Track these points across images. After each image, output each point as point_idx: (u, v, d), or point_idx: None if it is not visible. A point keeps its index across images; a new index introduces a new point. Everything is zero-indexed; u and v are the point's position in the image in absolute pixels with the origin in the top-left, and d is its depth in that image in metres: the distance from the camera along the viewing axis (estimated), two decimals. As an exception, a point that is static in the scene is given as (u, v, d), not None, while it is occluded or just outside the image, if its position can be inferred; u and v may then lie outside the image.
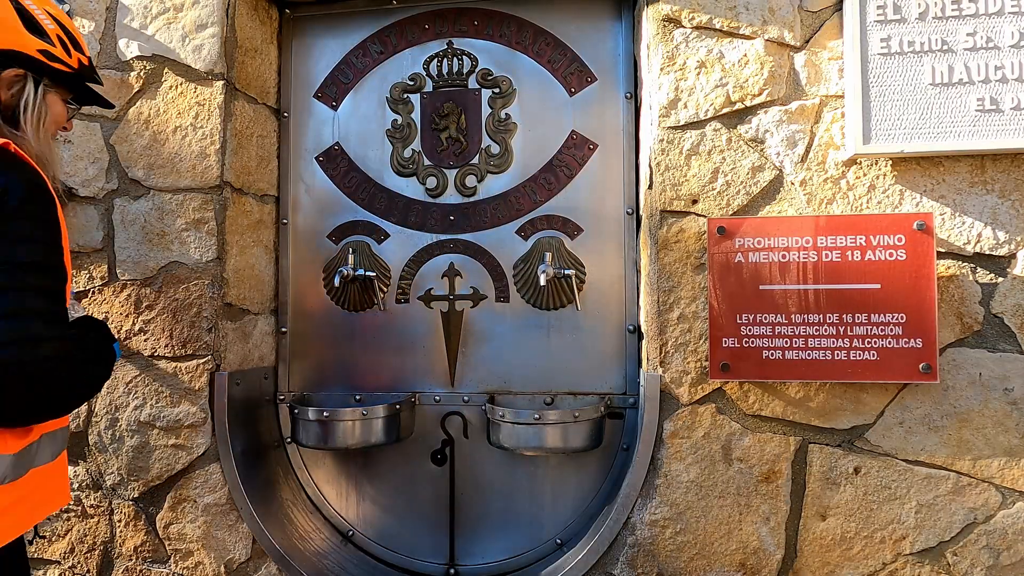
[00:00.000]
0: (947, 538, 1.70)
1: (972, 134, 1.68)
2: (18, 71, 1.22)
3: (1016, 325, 1.69)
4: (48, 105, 1.28)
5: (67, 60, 1.28)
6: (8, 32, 1.19)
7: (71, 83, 1.32)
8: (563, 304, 2.11)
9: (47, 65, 1.24)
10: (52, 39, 1.25)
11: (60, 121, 1.34)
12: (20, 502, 1.16)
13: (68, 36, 1.29)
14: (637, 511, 1.82)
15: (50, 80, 1.27)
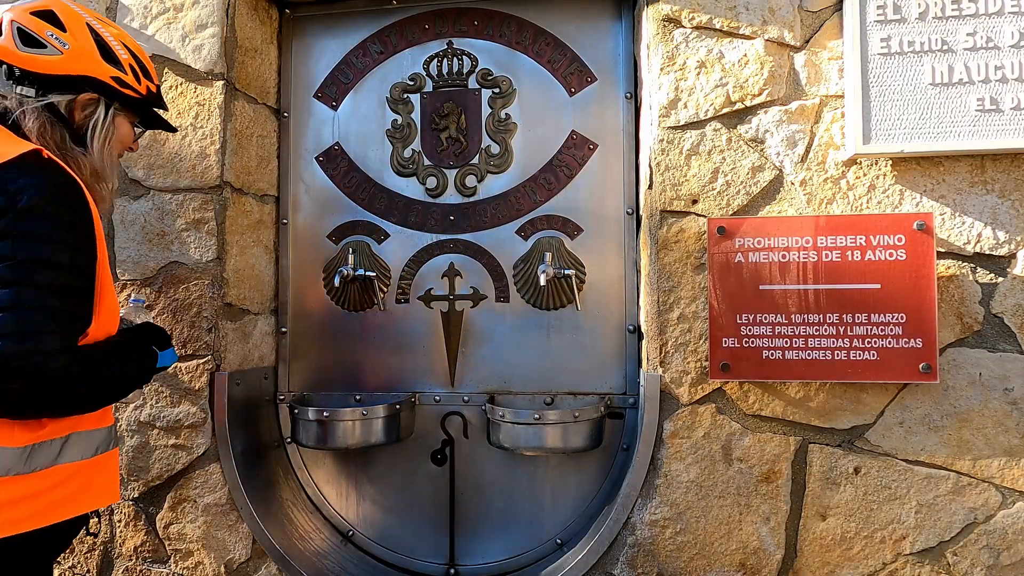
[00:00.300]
0: (947, 538, 1.70)
1: (972, 134, 1.68)
2: (92, 95, 1.33)
3: (1016, 325, 1.69)
4: (116, 126, 1.39)
5: (136, 87, 1.39)
6: (86, 60, 1.32)
7: (139, 108, 1.44)
8: (563, 304, 2.11)
9: (118, 91, 1.36)
10: (125, 68, 1.37)
11: (126, 142, 1.45)
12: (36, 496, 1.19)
13: (140, 65, 1.41)
14: (637, 511, 1.82)
15: (120, 104, 1.38)
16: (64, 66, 1.30)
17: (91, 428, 1.30)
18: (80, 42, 1.32)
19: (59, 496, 1.24)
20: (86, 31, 1.33)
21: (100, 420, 1.33)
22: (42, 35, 1.29)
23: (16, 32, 1.27)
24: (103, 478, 1.34)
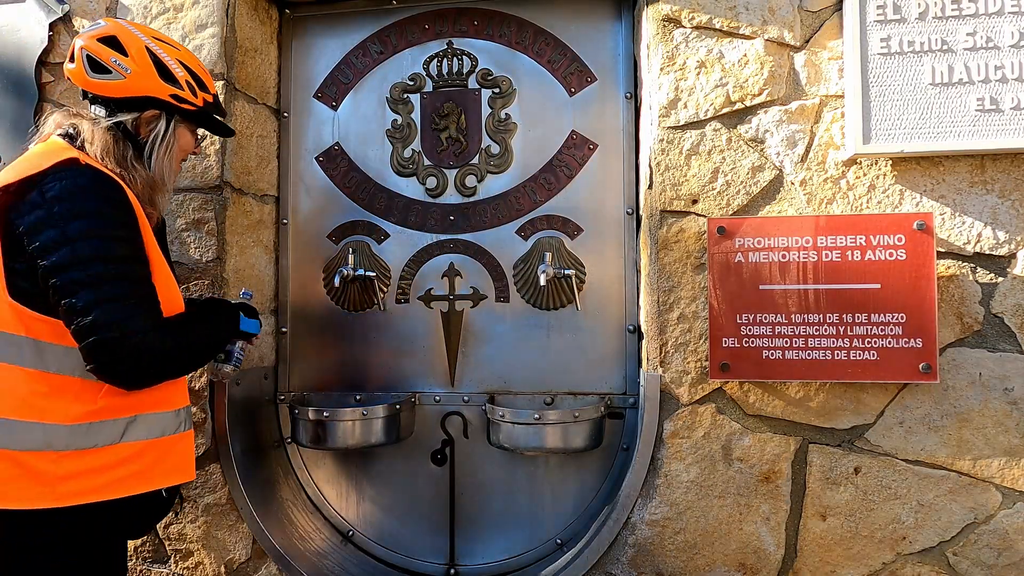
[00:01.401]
0: (947, 538, 1.70)
1: (972, 134, 1.68)
2: (155, 112, 1.48)
3: (1016, 325, 1.69)
4: (177, 137, 1.53)
5: (193, 100, 1.52)
6: (146, 81, 1.46)
7: (197, 118, 1.58)
8: (563, 304, 2.11)
9: (176, 106, 1.50)
10: (182, 84, 1.50)
11: (188, 149, 1.59)
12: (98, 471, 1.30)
13: (196, 79, 1.55)
14: (637, 511, 1.82)
15: (180, 117, 1.52)
16: (127, 89, 1.44)
17: (157, 411, 1.40)
18: (140, 65, 1.45)
19: (124, 473, 1.33)
20: (145, 54, 1.46)
21: (167, 403, 1.42)
22: (107, 61, 1.43)
23: (86, 59, 1.43)
24: (174, 458, 1.43)
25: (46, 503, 1.25)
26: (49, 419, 1.26)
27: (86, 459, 1.29)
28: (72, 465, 1.27)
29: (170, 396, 1.43)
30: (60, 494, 1.26)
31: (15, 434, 1.25)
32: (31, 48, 2.14)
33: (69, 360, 1.28)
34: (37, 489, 1.25)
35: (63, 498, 1.26)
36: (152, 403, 1.38)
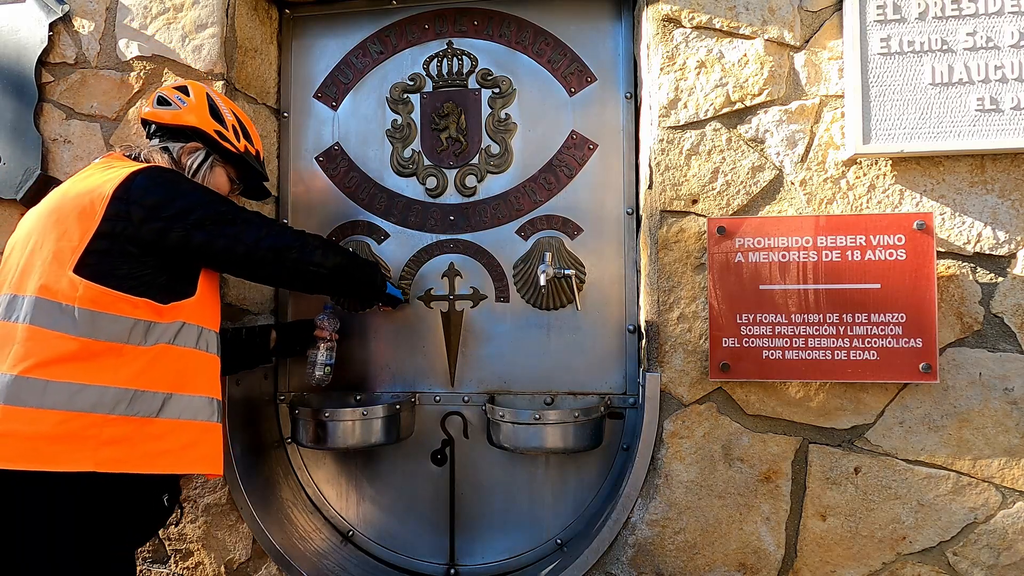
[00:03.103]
0: (947, 538, 1.70)
1: (972, 134, 1.68)
2: (197, 144, 1.67)
3: (1016, 325, 1.69)
4: (214, 175, 1.69)
5: (235, 143, 1.71)
6: (198, 115, 1.66)
7: (236, 163, 1.74)
8: (563, 304, 2.11)
9: (218, 143, 1.68)
10: (228, 126, 1.70)
11: (222, 189, 1.72)
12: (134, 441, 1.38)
13: (242, 128, 1.75)
14: (637, 511, 1.82)
15: (219, 156, 1.70)
16: (178, 118, 1.65)
17: (194, 394, 1.49)
18: (196, 102, 1.68)
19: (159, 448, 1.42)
20: (203, 97, 1.70)
21: (203, 388, 1.52)
22: (171, 98, 1.67)
23: (156, 98, 1.67)
24: (204, 447, 1.50)
25: (87, 467, 1.32)
26: (97, 381, 1.36)
27: (126, 427, 1.37)
28: (114, 431, 1.36)
29: (206, 383, 1.53)
30: (100, 459, 1.34)
31: (64, 395, 1.33)
32: (31, 48, 2.14)
33: (116, 327, 1.39)
34: (81, 452, 1.33)
35: (102, 463, 1.34)
36: (191, 385, 1.49)
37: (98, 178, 1.46)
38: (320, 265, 1.65)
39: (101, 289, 1.38)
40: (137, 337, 1.41)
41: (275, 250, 1.57)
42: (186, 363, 1.49)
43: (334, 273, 1.69)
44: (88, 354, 1.36)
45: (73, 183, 1.50)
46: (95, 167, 1.55)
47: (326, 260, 1.66)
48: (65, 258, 1.38)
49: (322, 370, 1.99)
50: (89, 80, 2.13)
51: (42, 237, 1.42)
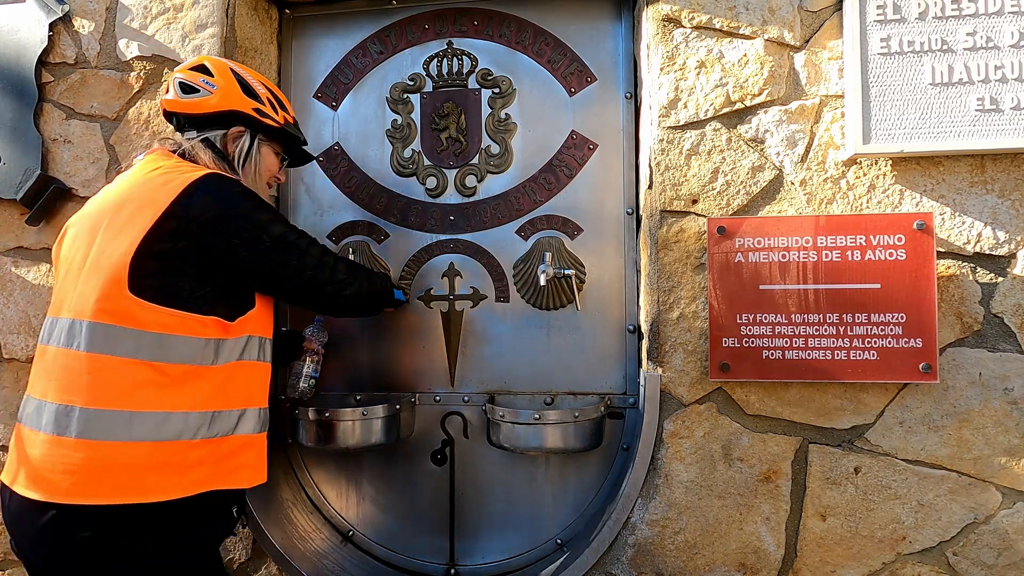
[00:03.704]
0: (947, 538, 1.70)
1: (972, 134, 1.68)
2: (240, 128, 1.57)
3: (1016, 325, 1.69)
4: (262, 156, 1.62)
5: (275, 116, 1.62)
6: (232, 96, 1.56)
7: (280, 137, 1.66)
8: (563, 304, 2.11)
9: (260, 121, 1.59)
10: (263, 100, 1.60)
11: (272, 170, 1.67)
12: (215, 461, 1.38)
13: (276, 99, 1.65)
14: (637, 511, 1.82)
15: (263, 135, 1.62)
16: (214, 104, 1.54)
17: (257, 407, 1.49)
18: (226, 83, 1.57)
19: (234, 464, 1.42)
20: (230, 74, 1.58)
21: (262, 401, 1.51)
22: (196, 83, 1.55)
23: (178, 85, 1.55)
24: (262, 456, 1.51)
25: (175, 494, 1.30)
26: (180, 408, 1.33)
27: (207, 448, 1.36)
28: (197, 454, 1.34)
29: (263, 393, 1.52)
30: (186, 484, 1.32)
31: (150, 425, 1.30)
32: (31, 48, 2.14)
33: (188, 349, 1.34)
34: (169, 481, 1.30)
35: (187, 488, 1.32)
36: (256, 398, 1.48)
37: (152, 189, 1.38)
38: (351, 297, 1.66)
39: (167, 311, 1.32)
40: (209, 357, 1.37)
41: (316, 284, 1.56)
42: (253, 376, 1.48)
43: (360, 300, 1.72)
44: (165, 380, 1.32)
45: (123, 191, 1.41)
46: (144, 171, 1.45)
47: (359, 291, 1.68)
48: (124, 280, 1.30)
49: (307, 382, 1.96)
50: (89, 80, 2.13)
51: (97, 256, 1.34)
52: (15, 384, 2.15)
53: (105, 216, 1.38)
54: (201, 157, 1.52)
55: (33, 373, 1.40)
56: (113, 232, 1.34)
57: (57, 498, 1.25)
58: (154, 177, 1.41)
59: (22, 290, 2.15)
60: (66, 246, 1.45)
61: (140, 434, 1.29)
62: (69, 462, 1.26)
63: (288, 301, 1.66)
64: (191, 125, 1.55)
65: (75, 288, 1.35)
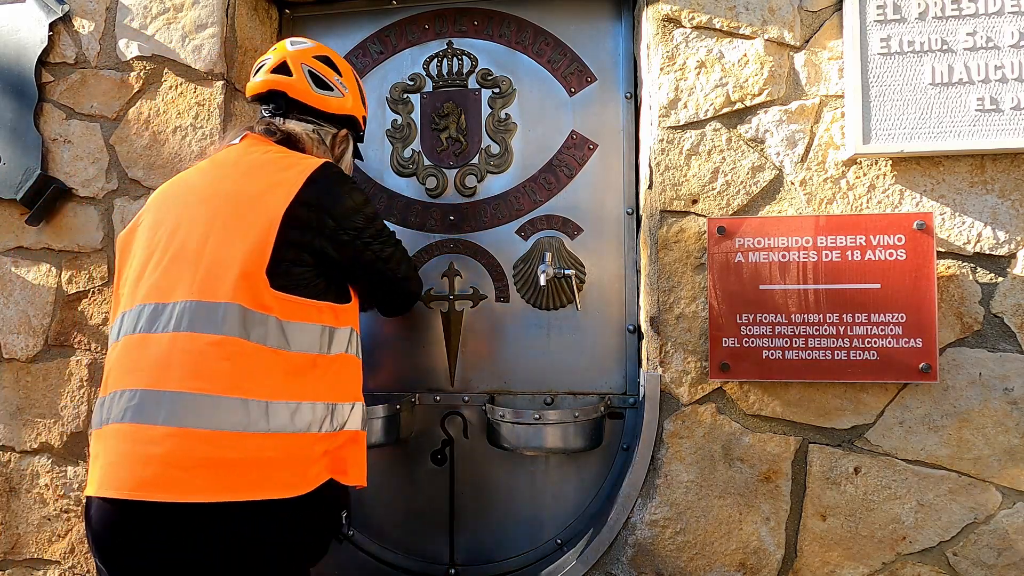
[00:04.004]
0: (947, 538, 1.70)
1: (972, 134, 1.68)
2: (346, 131, 1.62)
3: (1016, 325, 1.69)
4: (349, 156, 1.67)
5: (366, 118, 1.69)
6: (356, 104, 1.63)
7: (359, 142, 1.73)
8: (563, 304, 2.11)
9: (362, 129, 1.68)
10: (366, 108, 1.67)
11: (351, 168, 1.72)
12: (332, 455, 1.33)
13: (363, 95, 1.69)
14: (637, 511, 1.82)
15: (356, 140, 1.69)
16: (343, 107, 1.59)
17: (360, 402, 1.46)
18: (352, 88, 1.61)
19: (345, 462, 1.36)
20: (354, 79, 1.63)
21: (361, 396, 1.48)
22: (331, 81, 1.56)
23: (309, 75, 1.53)
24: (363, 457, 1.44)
25: (302, 490, 1.23)
26: (307, 398, 1.27)
27: (329, 441, 1.30)
28: (322, 447, 1.28)
29: (361, 391, 1.49)
30: (310, 479, 1.25)
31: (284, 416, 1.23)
32: (31, 48, 2.14)
33: (307, 338, 1.29)
34: (299, 474, 1.23)
35: (311, 483, 1.25)
36: (359, 394, 1.45)
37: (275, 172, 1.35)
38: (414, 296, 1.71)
39: (290, 298, 1.27)
40: (324, 347, 1.33)
41: (399, 281, 1.57)
42: (356, 370, 1.46)
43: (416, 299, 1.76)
44: (290, 368, 1.26)
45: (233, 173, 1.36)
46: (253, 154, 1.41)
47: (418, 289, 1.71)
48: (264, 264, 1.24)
49: None
50: (89, 80, 2.13)
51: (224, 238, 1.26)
52: (15, 384, 2.15)
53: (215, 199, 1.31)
54: (310, 148, 1.51)
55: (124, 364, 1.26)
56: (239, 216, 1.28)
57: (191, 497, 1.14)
58: (274, 160, 1.38)
59: (22, 290, 2.15)
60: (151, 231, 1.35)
61: (277, 424, 1.21)
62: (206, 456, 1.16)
63: (370, 296, 1.59)
64: (305, 113, 1.53)
65: (194, 272, 1.25)
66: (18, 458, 2.14)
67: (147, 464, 1.16)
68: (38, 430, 2.12)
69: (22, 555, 2.13)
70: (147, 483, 1.15)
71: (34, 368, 2.14)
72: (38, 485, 2.12)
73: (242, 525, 1.18)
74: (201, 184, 1.38)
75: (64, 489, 2.10)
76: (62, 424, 2.11)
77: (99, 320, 2.09)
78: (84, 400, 2.09)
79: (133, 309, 1.28)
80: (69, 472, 2.10)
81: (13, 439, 2.14)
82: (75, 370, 2.10)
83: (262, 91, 1.53)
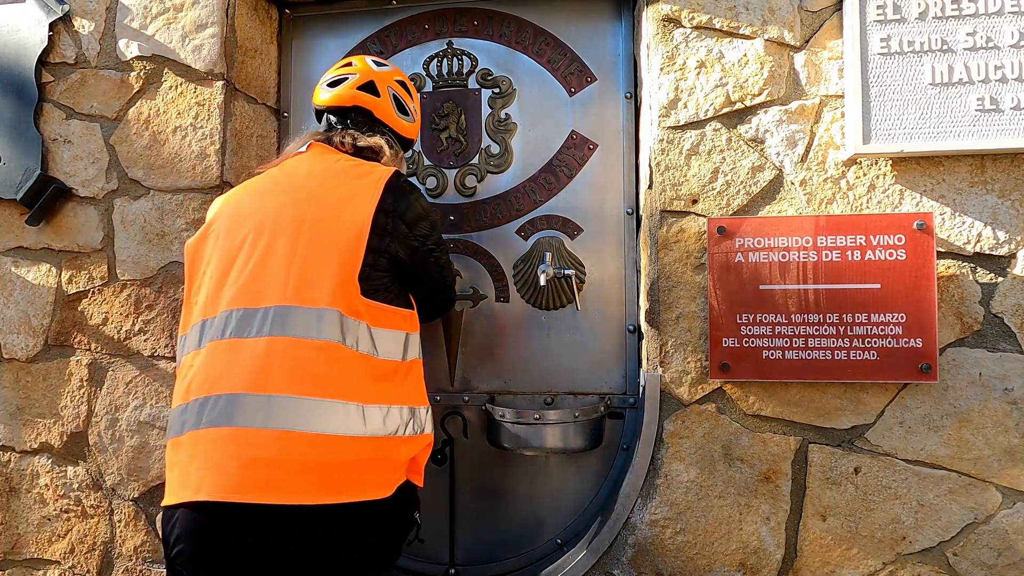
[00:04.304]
0: (947, 538, 1.70)
1: (972, 134, 1.68)
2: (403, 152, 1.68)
3: (1016, 325, 1.69)
4: None
5: None
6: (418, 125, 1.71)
7: None
8: (563, 304, 2.11)
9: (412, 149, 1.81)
10: None
11: None
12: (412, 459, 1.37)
13: None
14: (637, 511, 1.82)
15: None
16: (412, 131, 1.69)
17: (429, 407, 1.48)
18: (418, 112, 1.71)
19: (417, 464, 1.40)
20: (418, 102, 1.72)
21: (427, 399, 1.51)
22: (408, 106, 1.66)
23: (393, 99, 1.62)
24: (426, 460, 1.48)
25: (388, 491, 1.26)
26: (395, 402, 1.30)
27: (410, 445, 1.33)
28: (405, 451, 1.32)
29: None
30: (393, 481, 1.28)
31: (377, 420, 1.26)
32: (31, 48, 2.14)
33: (390, 344, 1.33)
34: (386, 476, 1.26)
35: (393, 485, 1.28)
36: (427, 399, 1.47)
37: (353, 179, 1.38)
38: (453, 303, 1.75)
39: (376, 304, 1.31)
40: (403, 353, 1.36)
41: (448, 289, 1.63)
42: (423, 375, 1.48)
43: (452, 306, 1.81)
44: (380, 374, 1.28)
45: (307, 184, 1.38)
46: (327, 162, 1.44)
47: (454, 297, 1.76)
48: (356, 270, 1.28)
49: None
50: (89, 80, 2.13)
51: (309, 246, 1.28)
52: (15, 384, 2.15)
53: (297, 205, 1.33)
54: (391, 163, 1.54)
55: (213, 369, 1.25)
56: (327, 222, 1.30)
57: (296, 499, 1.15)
58: (347, 168, 1.42)
59: (22, 290, 2.15)
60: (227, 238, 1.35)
61: (372, 428, 1.24)
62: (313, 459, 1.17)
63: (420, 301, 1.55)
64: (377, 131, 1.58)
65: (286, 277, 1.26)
66: (18, 458, 2.14)
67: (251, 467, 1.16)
68: (38, 430, 2.12)
69: (22, 555, 2.13)
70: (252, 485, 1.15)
71: (34, 368, 2.14)
72: (38, 485, 2.12)
73: (337, 526, 1.20)
74: (277, 191, 1.39)
75: (64, 489, 2.10)
76: (62, 424, 2.11)
77: (99, 320, 2.09)
78: (84, 400, 2.09)
79: (219, 315, 1.28)
80: (69, 472, 2.10)
81: (13, 439, 2.14)
82: (75, 370, 2.10)
83: (347, 105, 1.58)
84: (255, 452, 1.17)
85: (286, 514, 1.16)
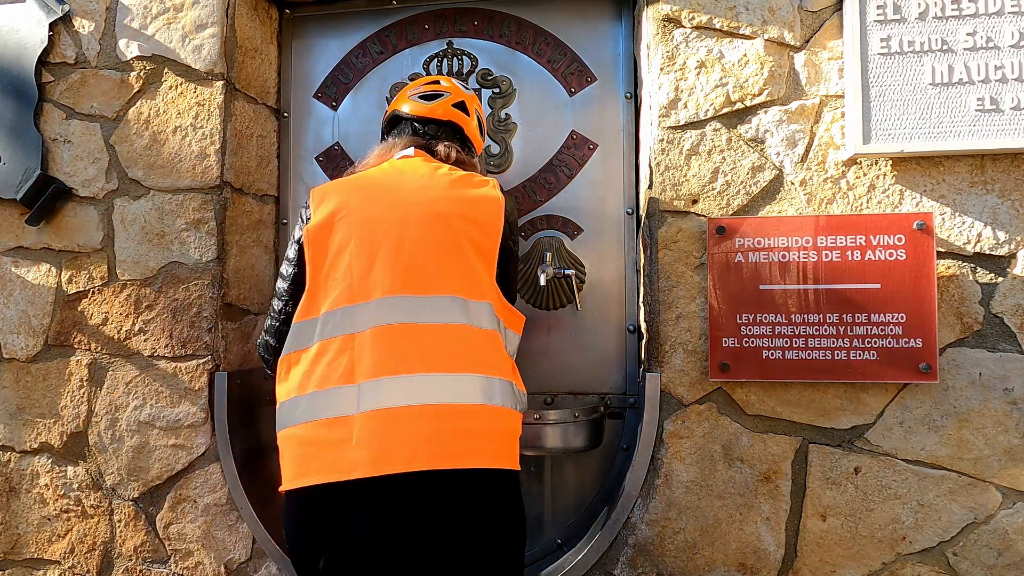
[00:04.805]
0: (947, 538, 1.70)
1: (972, 134, 1.68)
2: None
3: (1016, 325, 1.69)
4: None
5: None
6: None
7: None
8: (563, 304, 2.11)
9: None
10: None
11: None
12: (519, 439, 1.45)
13: None
14: (637, 511, 1.82)
15: None
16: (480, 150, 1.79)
17: None
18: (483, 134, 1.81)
19: None
20: None
21: None
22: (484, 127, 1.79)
23: (477, 120, 1.73)
24: None
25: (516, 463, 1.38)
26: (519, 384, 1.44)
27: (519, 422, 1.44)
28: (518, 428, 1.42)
29: None
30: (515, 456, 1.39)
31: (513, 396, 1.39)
32: (31, 48, 2.14)
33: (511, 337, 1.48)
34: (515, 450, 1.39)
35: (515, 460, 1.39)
36: None
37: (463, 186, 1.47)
38: None
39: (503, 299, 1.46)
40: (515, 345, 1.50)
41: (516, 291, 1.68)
42: None
43: None
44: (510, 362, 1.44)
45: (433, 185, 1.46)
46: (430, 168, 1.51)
47: None
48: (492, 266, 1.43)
49: None
50: (89, 80, 2.13)
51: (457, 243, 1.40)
52: (15, 384, 2.15)
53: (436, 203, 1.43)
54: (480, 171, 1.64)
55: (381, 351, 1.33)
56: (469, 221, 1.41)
57: (483, 463, 1.30)
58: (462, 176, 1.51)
59: (22, 290, 2.15)
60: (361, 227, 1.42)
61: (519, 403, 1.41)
62: (494, 428, 1.34)
63: None
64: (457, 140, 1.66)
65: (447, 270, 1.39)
66: (18, 458, 2.14)
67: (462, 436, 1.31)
68: (38, 430, 2.12)
69: (22, 555, 2.13)
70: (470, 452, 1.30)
71: (34, 368, 2.14)
72: (38, 485, 2.12)
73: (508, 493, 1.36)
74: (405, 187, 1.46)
75: (64, 489, 2.10)
76: (62, 424, 2.11)
77: (99, 320, 2.09)
78: (84, 400, 2.09)
79: (372, 302, 1.36)
80: (69, 472, 2.10)
81: (13, 439, 2.14)
82: (75, 370, 2.10)
83: (442, 119, 1.66)
84: (463, 423, 1.31)
85: (493, 476, 1.32)
